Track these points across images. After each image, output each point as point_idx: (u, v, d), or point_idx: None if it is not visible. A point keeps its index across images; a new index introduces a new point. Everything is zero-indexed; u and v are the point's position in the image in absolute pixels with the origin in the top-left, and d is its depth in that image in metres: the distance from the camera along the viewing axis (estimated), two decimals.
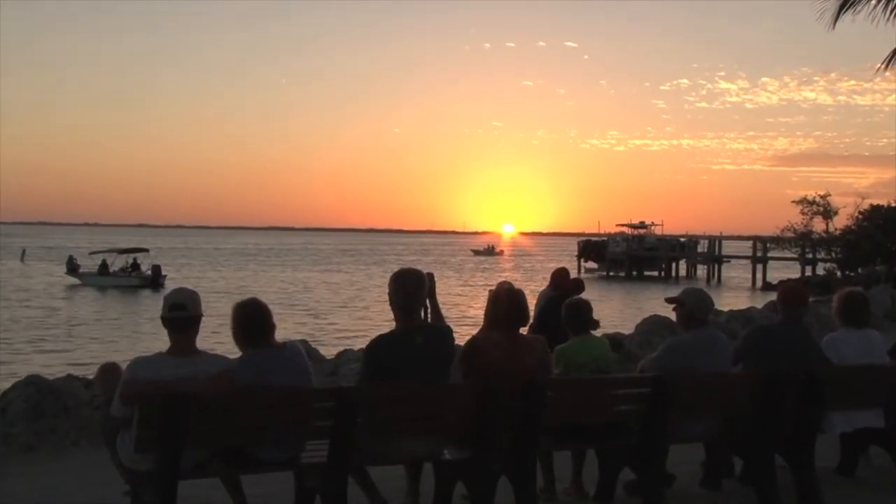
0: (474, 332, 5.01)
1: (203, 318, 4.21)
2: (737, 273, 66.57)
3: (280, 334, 4.46)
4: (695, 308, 5.11)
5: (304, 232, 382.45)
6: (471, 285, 55.86)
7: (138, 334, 28.37)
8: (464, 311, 35.31)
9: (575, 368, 4.96)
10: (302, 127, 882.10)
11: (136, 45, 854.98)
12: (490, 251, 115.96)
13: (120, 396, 4.04)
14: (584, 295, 6.13)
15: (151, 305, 36.92)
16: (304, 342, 9.40)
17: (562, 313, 5.22)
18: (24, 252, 75.48)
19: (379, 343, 4.41)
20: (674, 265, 68.91)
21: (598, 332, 5.34)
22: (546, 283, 8.05)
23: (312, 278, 62.73)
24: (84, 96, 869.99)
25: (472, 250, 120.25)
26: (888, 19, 16.11)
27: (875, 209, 45.03)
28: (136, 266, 51.98)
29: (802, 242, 51.01)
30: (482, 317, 4.89)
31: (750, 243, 62.47)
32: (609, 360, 5.12)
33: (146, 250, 55.05)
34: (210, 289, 44.52)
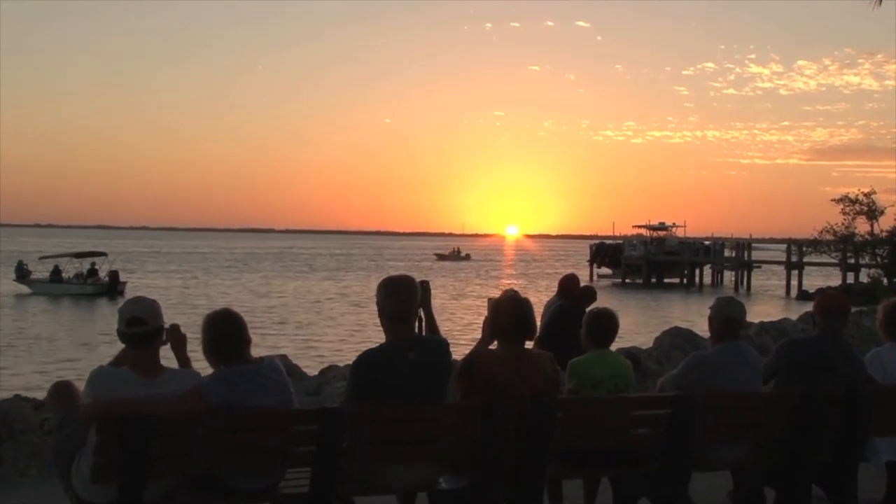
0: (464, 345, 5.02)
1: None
2: (769, 280, 66.81)
3: (256, 349, 4.47)
4: (715, 317, 5.14)
5: (284, 234, 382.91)
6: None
7: (95, 348, 28.37)
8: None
9: (591, 385, 4.96)
10: (281, 118, 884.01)
11: (100, 39, 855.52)
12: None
13: (77, 419, 4.04)
14: (596, 305, 6.14)
15: (109, 315, 36.94)
16: (283, 358, 9.40)
17: (584, 321, 5.22)
18: None
19: (367, 358, 4.41)
20: (697, 271, 69.20)
21: (611, 346, 5.34)
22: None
23: (293, 286, 62.68)
24: (37, 85, 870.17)
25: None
26: None
27: None
28: (92, 272, 52.05)
29: (843, 246, 51.12)
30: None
31: (784, 247, 62.66)
32: (630, 379, 5.12)
33: (104, 254, 55.25)
34: (176, 298, 44.45)
